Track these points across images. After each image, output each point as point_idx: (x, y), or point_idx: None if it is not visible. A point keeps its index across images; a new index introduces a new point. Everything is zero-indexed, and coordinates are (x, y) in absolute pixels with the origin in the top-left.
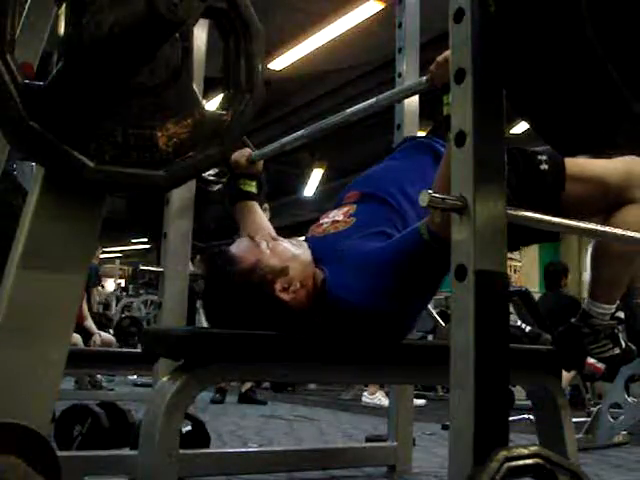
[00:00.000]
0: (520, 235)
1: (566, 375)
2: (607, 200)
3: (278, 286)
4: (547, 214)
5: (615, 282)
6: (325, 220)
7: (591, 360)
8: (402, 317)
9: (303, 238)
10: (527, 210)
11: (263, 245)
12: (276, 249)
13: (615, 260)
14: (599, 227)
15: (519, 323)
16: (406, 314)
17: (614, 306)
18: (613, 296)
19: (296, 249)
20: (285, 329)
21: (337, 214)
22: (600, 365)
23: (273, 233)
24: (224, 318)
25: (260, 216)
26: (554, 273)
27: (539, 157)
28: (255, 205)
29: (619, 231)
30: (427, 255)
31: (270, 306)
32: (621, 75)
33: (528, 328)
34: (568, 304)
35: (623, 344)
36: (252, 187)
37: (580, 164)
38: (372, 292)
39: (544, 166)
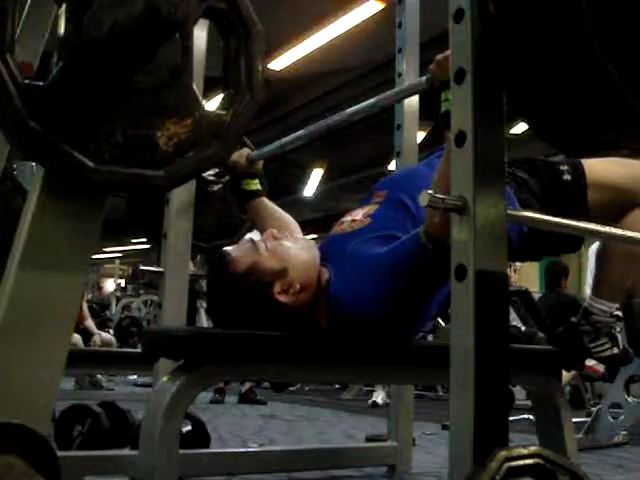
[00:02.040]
0: (545, 246)
1: (565, 375)
2: (623, 205)
3: (276, 288)
4: (547, 214)
5: (620, 281)
6: (347, 218)
7: (590, 362)
8: (403, 321)
9: (313, 236)
10: (527, 210)
11: (261, 247)
12: (276, 250)
13: (622, 260)
14: (600, 227)
15: (514, 323)
16: (407, 318)
17: (616, 305)
18: (616, 295)
19: (299, 249)
20: (287, 330)
21: (359, 213)
22: (599, 367)
23: (273, 231)
24: (227, 321)
25: (273, 210)
26: (554, 273)
27: (561, 167)
28: (264, 201)
29: (619, 231)
30: (424, 258)
31: (268, 309)
32: (621, 76)
33: (523, 327)
34: (568, 303)
35: (621, 345)
36: (256, 185)
37: (599, 172)
38: (371, 294)
39: (567, 176)
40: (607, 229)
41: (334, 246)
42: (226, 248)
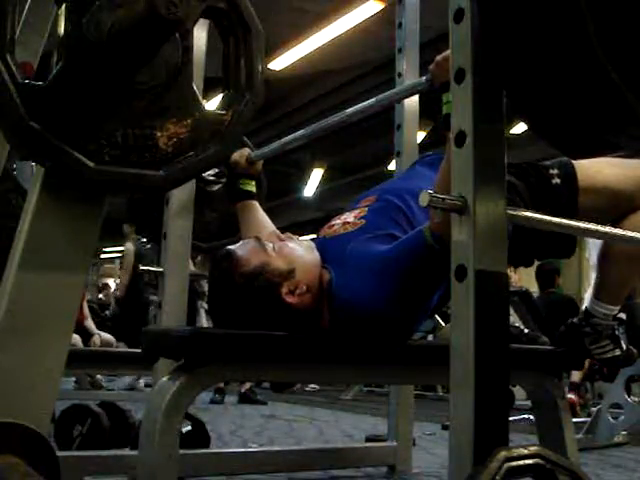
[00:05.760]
0: (536, 250)
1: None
2: (620, 209)
3: (284, 289)
4: (546, 214)
5: (621, 284)
6: (337, 221)
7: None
8: (405, 320)
9: (313, 237)
10: (527, 210)
11: (269, 247)
12: (283, 251)
13: (622, 262)
14: (600, 227)
15: (517, 324)
16: (409, 317)
17: (618, 308)
18: (618, 298)
19: (303, 250)
20: (290, 331)
21: (349, 216)
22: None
23: (276, 232)
24: (229, 321)
25: (262, 215)
26: (547, 273)
27: (551, 171)
28: (256, 204)
29: (619, 231)
30: (430, 257)
31: (276, 309)
32: (621, 76)
33: (526, 330)
34: (565, 303)
35: (624, 346)
36: (252, 187)
37: (591, 175)
38: (376, 295)
39: (556, 180)
40: (606, 229)
41: (329, 248)
42: (230, 247)
